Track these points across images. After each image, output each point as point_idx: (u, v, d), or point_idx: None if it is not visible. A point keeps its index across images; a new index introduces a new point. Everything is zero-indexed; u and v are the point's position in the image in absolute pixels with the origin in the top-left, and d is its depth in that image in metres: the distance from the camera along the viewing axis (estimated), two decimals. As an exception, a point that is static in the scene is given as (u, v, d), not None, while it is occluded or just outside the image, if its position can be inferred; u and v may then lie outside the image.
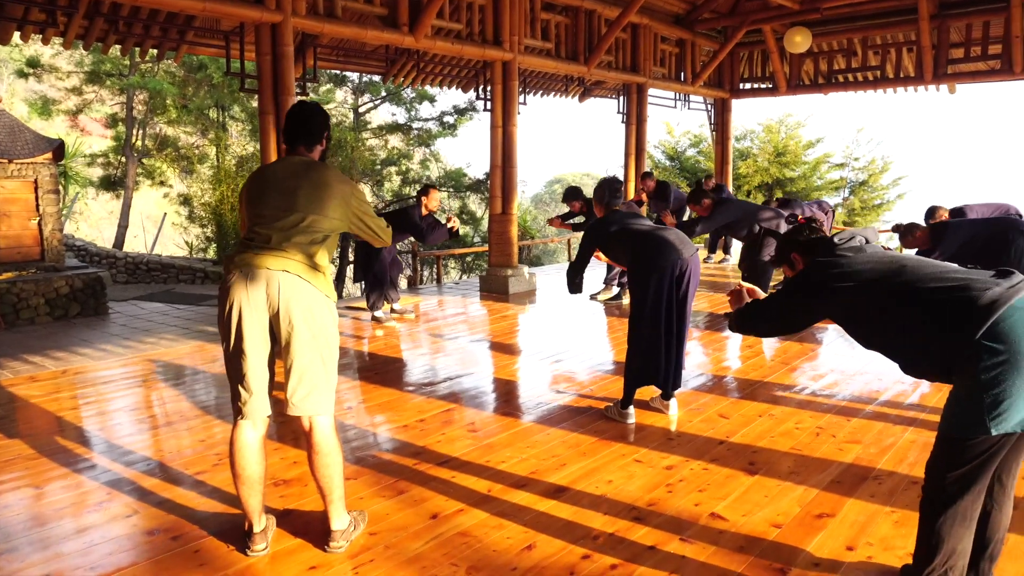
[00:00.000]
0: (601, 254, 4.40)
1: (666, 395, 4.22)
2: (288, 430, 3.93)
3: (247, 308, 2.48)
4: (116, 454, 3.69)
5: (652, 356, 4.01)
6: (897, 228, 5.73)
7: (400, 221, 6.68)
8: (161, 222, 17.64)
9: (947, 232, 5.28)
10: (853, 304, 2.31)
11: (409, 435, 3.92)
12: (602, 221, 4.29)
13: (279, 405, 2.68)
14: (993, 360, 1.95)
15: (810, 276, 2.42)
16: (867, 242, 2.44)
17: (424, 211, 6.78)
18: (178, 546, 2.73)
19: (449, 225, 6.77)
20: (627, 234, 4.12)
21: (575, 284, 4.48)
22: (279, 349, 2.58)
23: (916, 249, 5.47)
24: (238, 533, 2.80)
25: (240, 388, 2.55)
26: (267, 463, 2.70)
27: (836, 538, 2.73)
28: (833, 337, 6.23)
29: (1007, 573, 2.48)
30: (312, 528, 2.85)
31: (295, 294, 2.48)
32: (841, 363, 5.30)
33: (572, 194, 7.96)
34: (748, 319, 2.65)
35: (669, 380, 4.10)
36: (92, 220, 21.55)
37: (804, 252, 2.55)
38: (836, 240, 2.44)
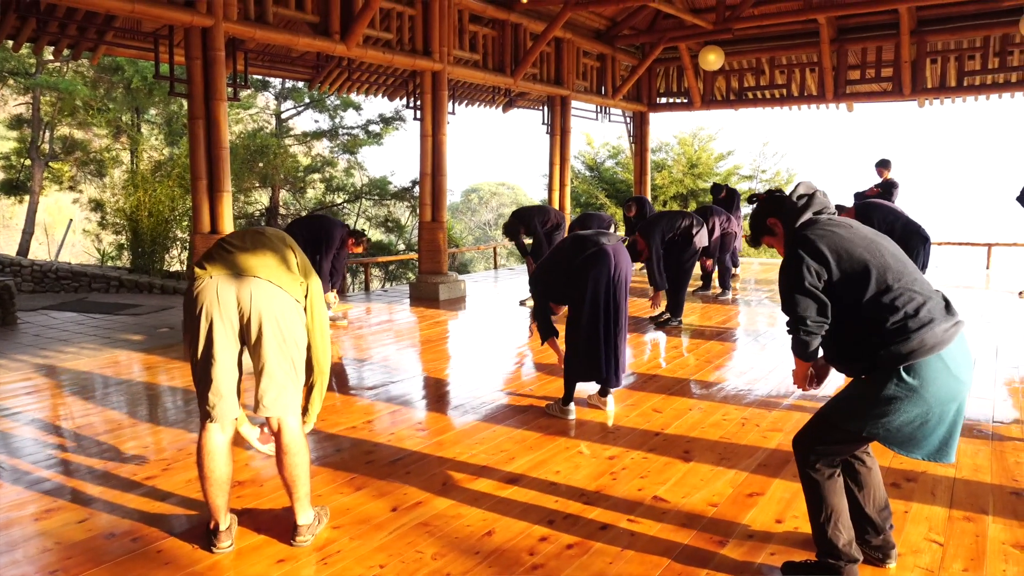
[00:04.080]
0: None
1: (603, 391, 4.45)
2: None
3: (217, 315, 2.53)
4: (55, 463, 3.61)
5: (592, 355, 4.20)
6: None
7: (324, 229, 6.66)
8: (66, 229, 16.78)
9: (874, 218, 5.70)
10: (839, 278, 2.29)
11: (359, 435, 4.00)
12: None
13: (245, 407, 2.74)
14: (902, 388, 2.19)
15: (802, 242, 2.35)
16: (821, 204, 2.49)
17: (346, 246, 6.81)
18: (139, 547, 2.74)
19: (333, 305, 6.95)
20: (572, 241, 4.35)
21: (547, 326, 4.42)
22: (246, 350, 2.65)
23: None
24: (199, 532, 2.83)
25: (209, 393, 2.59)
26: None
27: (766, 513, 3.01)
28: (745, 340, 6.67)
29: (910, 536, 2.81)
30: (274, 525, 2.91)
31: (266, 300, 2.54)
32: (755, 362, 5.69)
33: (513, 226, 8.29)
34: (791, 324, 2.40)
35: (611, 377, 4.28)
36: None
37: (781, 216, 2.51)
38: (811, 214, 2.43)
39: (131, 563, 2.63)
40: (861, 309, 2.27)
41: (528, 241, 8.50)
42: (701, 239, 7.04)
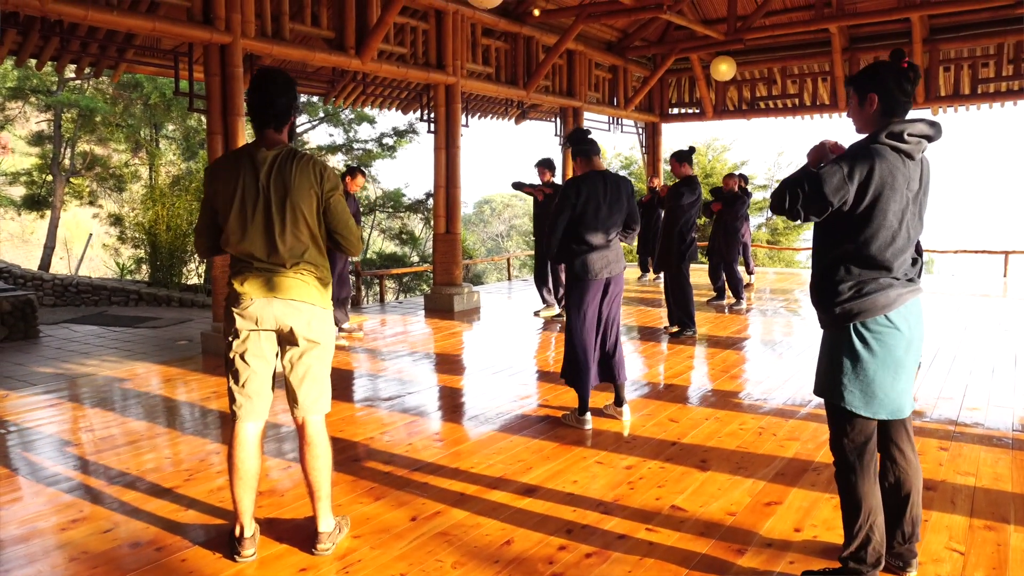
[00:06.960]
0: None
1: (619, 401, 4.47)
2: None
3: (255, 333, 2.68)
4: (82, 472, 3.67)
5: (583, 368, 4.30)
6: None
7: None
8: (86, 243, 17.01)
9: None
10: (867, 205, 2.23)
11: (376, 446, 4.04)
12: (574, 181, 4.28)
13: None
14: (858, 346, 2.31)
15: (865, 153, 2.23)
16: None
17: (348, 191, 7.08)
18: (164, 556, 2.78)
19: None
20: (581, 225, 4.21)
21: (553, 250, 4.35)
22: (282, 355, 2.77)
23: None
24: (223, 542, 2.87)
25: (238, 394, 2.70)
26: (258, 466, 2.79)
27: (785, 522, 3.01)
28: (761, 350, 6.65)
29: (931, 544, 2.80)
30: (295, 534, 2.94)
31: (302, 318, 2.68)
32: (771, 371, 5.68)
33: (546, 163, 8.19)
34: (794, 182, 2.29)
35: (612, 378, 4.41)
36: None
37: (885, 102, 2.29)
38: (908, 133, 2.23)
39: (155, 572, 2.67)
40: (838, 249, 2.32)
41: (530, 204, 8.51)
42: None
